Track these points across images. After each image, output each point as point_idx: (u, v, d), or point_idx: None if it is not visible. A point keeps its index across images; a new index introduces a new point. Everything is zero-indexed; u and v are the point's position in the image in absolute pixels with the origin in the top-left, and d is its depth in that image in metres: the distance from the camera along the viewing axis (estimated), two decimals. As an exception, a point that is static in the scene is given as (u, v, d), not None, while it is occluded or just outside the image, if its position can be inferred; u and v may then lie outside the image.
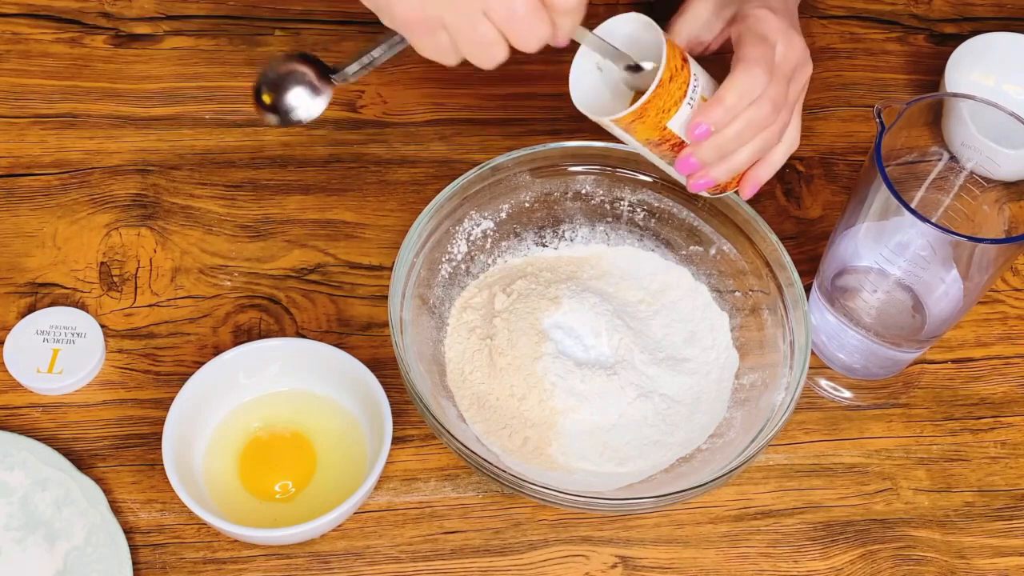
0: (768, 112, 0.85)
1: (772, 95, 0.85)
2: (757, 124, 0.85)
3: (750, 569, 0.90)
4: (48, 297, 0.97)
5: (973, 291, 0.88)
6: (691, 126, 0.83)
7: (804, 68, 0.88)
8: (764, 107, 0.84)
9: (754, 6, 0.88)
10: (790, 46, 0.87)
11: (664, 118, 0.83)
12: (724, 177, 0.87)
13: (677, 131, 0.84)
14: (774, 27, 0.87)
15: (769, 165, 0.89)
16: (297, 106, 0.84)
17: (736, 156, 0.86)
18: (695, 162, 0.85)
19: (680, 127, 0.84)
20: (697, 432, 0.92)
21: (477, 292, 0.97)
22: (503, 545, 0.89)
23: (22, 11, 1.12)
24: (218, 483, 0.87)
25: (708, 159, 0.85)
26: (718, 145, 0.84)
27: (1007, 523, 0.93)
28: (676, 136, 0.84)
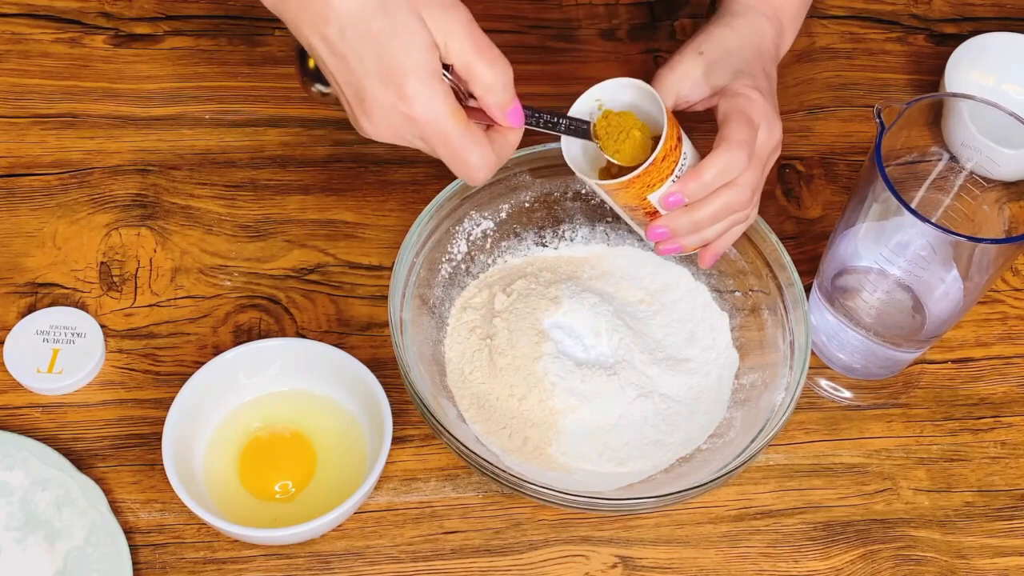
0: (746, 198, 0.86)
1: (751, 181, 0.86)
2: (732, 207, 0.86)
3: (750, 569, 0.90)
4: (48, 297, 0.97)
5: (973, 291, 0.88)
6: (666, 195, 0.84)
7: (776, 153, 0.89)
8: (743, 193, 0.85)
9: (744, 85, 0.88)
10: (771, 133, 0.87)
11: (648, 192, 0.84)
12: (692, 245, 0.88)
13: (655, 202, 0.85)
14: (760, 111, 0.87)
15: (728, 239, 0.90)
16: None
17: (707, 231, 0.87)
18: (665, 232, 0.86)
19: (658, 199, 0.85)
20: (697, 432, 0.92)
21: (477, 292, 0.97)
22: (503, 545, 0.89)
23: (22, 11, 1.12)
24: (218, 483, 0.87)
25: (680, 232, 0.86)
26: (693, 221, 0.86)
27: (1007, 523, 0.93)
28: (652, 206, 0.85)
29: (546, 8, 1.17)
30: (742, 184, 0.85)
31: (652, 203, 0.85)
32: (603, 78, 1.13)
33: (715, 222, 0.86)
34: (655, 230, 0.86)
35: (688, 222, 0.86)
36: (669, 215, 0.85)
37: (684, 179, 0.84)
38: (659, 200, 0.84)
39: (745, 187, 0.85)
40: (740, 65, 0.89)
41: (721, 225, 0.87)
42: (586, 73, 1.13)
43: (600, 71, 1.13)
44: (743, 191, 0.85)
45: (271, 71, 1.11)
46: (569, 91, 1.11)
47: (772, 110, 0.88)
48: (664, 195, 0.84)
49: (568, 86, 1.11)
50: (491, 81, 0.78)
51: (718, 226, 0.87)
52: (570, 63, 1.14)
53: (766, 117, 0.87)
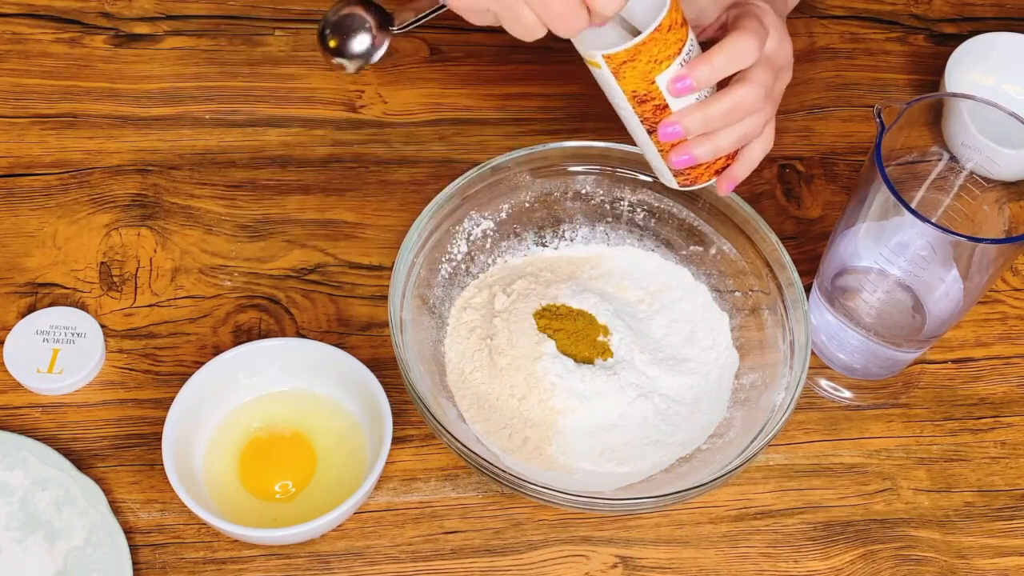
0: (759, 96, 0.84)
1: (763, 79, 0.85)
2: (746, 106, 0.84)
3: (750, 569, 0.90)
4: (48, 297, 0.97)
5: (973, 291, 0.88)
6: (674, 79, 0.82)
7: (787, 71, 0.89)
8: (756, 90, 0.84)
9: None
10: (782, 43, 0.87)
11: (655, 69, 0.82)
12: (705, 156, 0.86)
13: (663, 88, 0.83)
14: (771, 18, 0.87)
15: (746, 163, 0.88)
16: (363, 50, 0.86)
17: (720, 137, 0.85)
18: (679, 129, 0.84)
19: (667, 83, 0.83)
20: (697, 432, 0.92)
21: (477, 292, 0.97)
22: (503, 545, 0.89)
23: (22, 11, 1.12)
24: (218, 483, 0.87)
25: (692, 129, 0.84)
26: (706, 118, 0.84)
27: (1007, 523, 0.93)
28: (661, 97, 0.83)
29: (546, 8, 1.17)
30: (754, 80, 0.84)
31: (660, 89, 0.83)
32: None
33: (728, 123, 0.85)
34: (665, 128, 0.84)
35: (700, 117, 0.84)
36: (680, 111, 0.84)
37: (692, 63, 0.82)
38: (667, 85, 0.82)
39: (758, 84, 0.84)
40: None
41: (734, 133, 0.85)
42: (586, 73, 1.13)
43: (600, 71, 1.13)
44: (756, 88, 0.84)
45: (271, 71, 1.11)
46: (569, 91, 1.12)
47: (782, 26, 0.88)
48: (672, 78, 0.82)
49: (568, 86, 1.12)
50: None
51: (731, 134, 0.85)
52: (570, 63, 1.14)
53: (776, 27, 0.87)
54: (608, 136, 0.97)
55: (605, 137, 0.97)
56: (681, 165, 0.86)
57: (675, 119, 0.84)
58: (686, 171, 0.88)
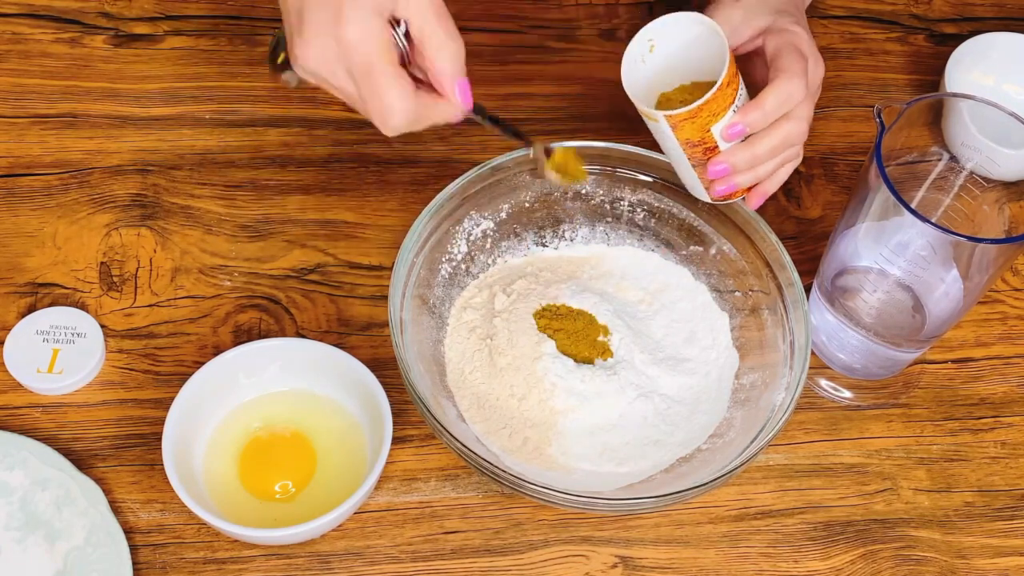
0: (802, 131, 0.87)
1: (806, 114, 0.88)
2: (791, 140, 0.87)
3: (750, 569, 0.90)
4: (48, 297, 0.97)
5: (973, 291, 0.88)
6: (728, 126, 0.85)
7: (819, 90, 0.91)
8: (800, 125, 0.87)
9: (787, 22, 0.91)
10: (817, 67, 0.90)
11: (712, 121, 0.85)
12: (747, 184, 0.89)
13: (716, 134, 0.86)
14: (807, 45, 0.89)
15: (778, 179, 0.91)
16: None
17: (763, 168, 0.88)
18: (726, 167, 0.87)
19: (720, 130, 0.85)
20: (697, 432, 0.92)
21: (477, 292, 0.97)
22: (503, 545, 0.89)
23: (22, 11, 1.12)
24: (218, 483, 0.87)
25: (740, 167, 0.87)
26: (753, 155, 0.87)
27: (1007, 523, 0.93)
28: (713, 139, 0.86)
29: (546, 8, 1.17)
30: (799, 116, 0.87)
31: (714, 135, 0.85)
32: (603, 78, 1.14)
33: (773, 156, 0.87)
34: (715, 167, 0.87)
35: (748, 156, 0.86)
36: (728, 150, 0.86)
37: (745, 109, 0.85)
38: (721, 131, 0.85)
39: (802, 119, 0.87)
40: (777, 5, 0.92)
41: (775, 161, 0.88)
42: (586, 73, 1.13)
43: (600, 71, 1.13)
44: (800, 123, 0.87)
45: (271, 71, 1.11)
46: (569, 91, 1.12)
47: (815, 47, 0.90)
48: (726, 126, 0.85)
49: (568, 86, 1.12)
50: (447, 47, 0.77)
51: (773, 162, 0.88)
52: (570, 63, 1.14)
53: (812, 52, 0.89)
54: (608, 136, 0.97)
55: (605, 137, 0.97)
56: (723, 193, 0.89)
57: (724, 159, 0.87)
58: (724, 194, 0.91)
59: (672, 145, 0.88)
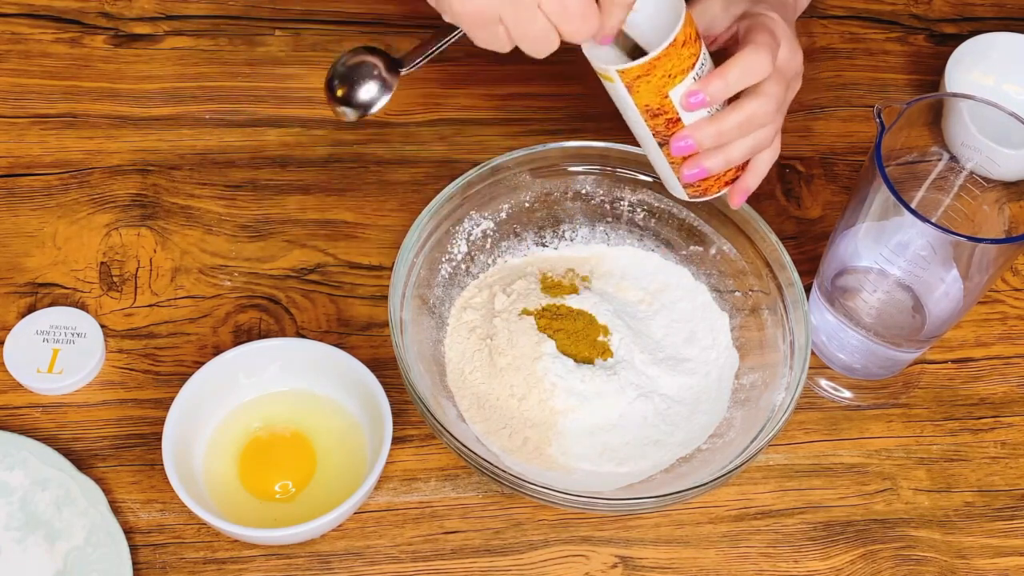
0: (771, 109, 0.85)
1: (775, 92, 0.85)
2: (758, 119, 0.85)
3: (750, 569, 0.90)
4: (48, 297, 0.97)
5: (973, 291, 0.88)
6: (688, 93, 0.82)
7: (797, 81, 0.89)
8: (768, 103, 0.85)
9: (765, 7, 0.89)
10: (793, 53, 0.88)
11: (668, 84, 0.82)
12: (717, 168, 0.86)
13: (676, 102, 0.83)
14: (782, 29, 0.87)
15: (756, 173, 0.89)
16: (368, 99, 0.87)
17: (732, 149, 0.85)
18: (691, 143, 0.84)
19: (680, 98, 0.83)
20: (697, 432, 0.92)
21: (477, 292, 0.97)
22: (503, 545, 0.89)
23: (22, 11, 1.12)
24: (218, 483, 0.87)
25: (705, 143, 0.84)
26: (718, 131, 0.84)
27: (1007, 523, 0.93)
28: (674, 110, 0.83)
29: (546, 8, 1.17)
30: (766, 93, 0.84)
31: (673, 103, 0.83)
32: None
33: (740, 135, 0.85)
34: (678, 142, 0.84)
35: (713, 131, 0.84)
36: (693, 125, 0.84)
37: (706, 78, 0.83)
38: (681, 99, 0.83)
39: (770, 97, 0.85)
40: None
41: (746, 145, 0.86)
42: (586, 73, 1.13)
43: (600, 71, 1.13)
44: (768, 101, 0.84)
45: (271, 71, 1.11)
46: (569, 91, 1.12)
47: (793, 35, 0.88)
48: (686, 92, 0.82)
49: (568, 86, 1.12)
50: None
51: (743, 146, 0.85)
52: (570, 63, 1.14)
53: (787, 37, 0.87)
54: (608, 136, 0.97)
55: (605, 137, 0.97)
56: (693, 178, 0.86)
57: (687, 133, 0.84)
58: (697, 183, 0.88)
59: (635, 117, 0.85)
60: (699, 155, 0.85)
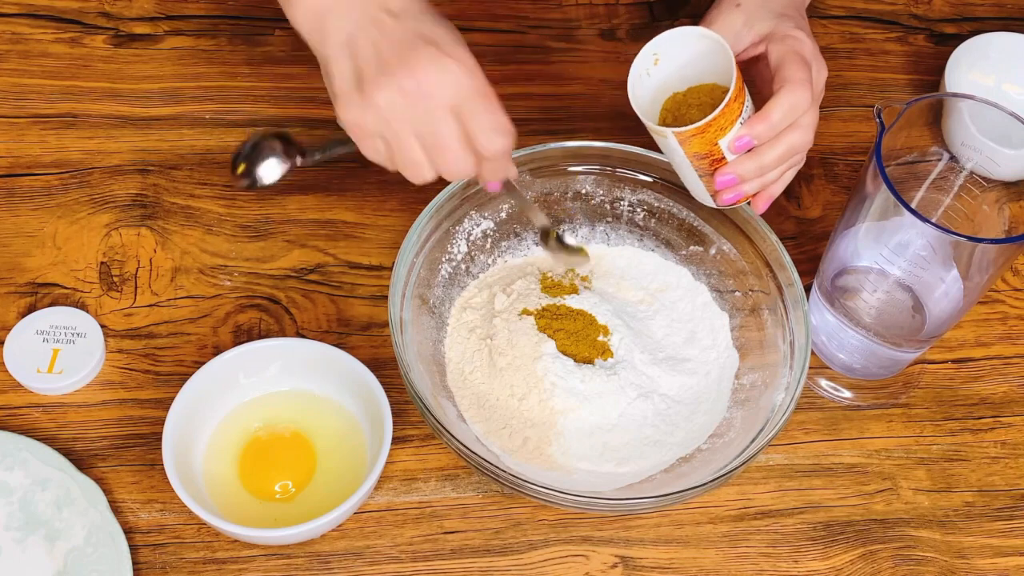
0: (808, 139, 0.87)
1: (812, 122, 0.87)
2: (796, 149, 0.87)
3: (750, 569, 0.90)
4: (48, 297, 0.97)
5: (973, 291, 0.88)
6: (735, 138, 0.85)
7: (822, 93, 0.91)
8: (806, 134, 0.87)
9: (789, 27, 0.90)
10: (820, 71, 0.90)
11: (719, 135, 0.85)
12: (753, 191, 0.89)
13: (724, 147, 0.86)
14: (810, 51, 0.89)
15: (782, 183, 0.91)
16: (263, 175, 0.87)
17: (770, 175, 0.88)
18: (733, 178, 0.87)
19: (728, 143, 0.86)
20: (697, 432, 0.92)
21: (477, 292, 0.97)
22: (503, 545, 0.89)
23: (22, 11, 1.12)
24: (218, 483, 0.87)
25: (747, 176, 0.87)
26: (760, 165, 0.87)
27: (1007, 523, 0.93)
28: (720, 152, 0.86)
29: (546, 8, 1.17)
30: (804, 125, 0.87)
31: (721, 148, 0.85)
32: (603, 78, 1.14)
33: (779, 165, 0.88)
34: (722, 177, 0.87)
35: (755, 166, 0.87)
36: (735, 161, 0.86)
37: (751, 121, 0.85)
38: (728, 144, 0.85)
39: (808, 128, 0.87)
40: (779, 9, 0.91)
41: (780, 169, 0.88)
42: (586, 73, 1.13)
43: (600, 71, 1.13)
44: (806, 132, 0.87)
45: (271, 71, 1.10)
46: (569, 91, 1.12)
47: (816, 47, 0.90)
48: (733, 138, 0.85)
49: (568, 86, 1.12)
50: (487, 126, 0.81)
51: (778, 170, 0.88)
52: (570, 63, 1.14)
53: (816, 57, 0.89)
54: (608, 136, 0.97)
55: (605, 137, 0.97)
56: (730, 201, 0.89)
57: (731, 170, 0.87)
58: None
59: (680, 159, 0.88)
60: (738, 184, 0.88)
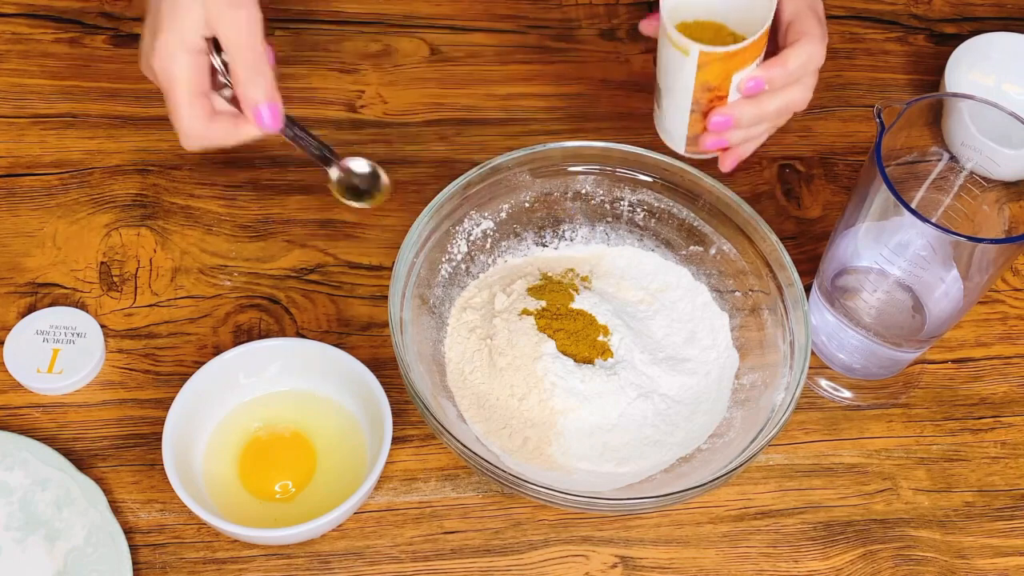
0: (806, 99, 0.87)
1: (814, 83, 0.88)
2: (793, 106, 0.87)
3: (750, 569, 0.90)
4: (48, 297, 0.97)
5: (973, 291, 0.88)
6: (749, 76, 0.84)
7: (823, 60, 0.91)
8: (806, 93, 0.87)
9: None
10: (825, 42, 0.90)
11: (737, 68, 0.84)
12: (737, 142, 0.89)
13: (734, 84, 0.85)
14: (823, 16, 0.89)
15: (757, 143, 0.91)
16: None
17: (759, 127, 0.88)
18: (728, 119, 0.86)
19: (739, 80, 0.85)
20: (697, 432, 0.92)
21: (477, 292, 0.97)
22: (503, 545, 0.89)
23: (22, 11, 1.12)
24: (218, 483, 0.87)
25: (742, 121, 0.87)
26: (759, 113, 0.86)
27: (1007, 523, 0.93)
28: (727, 88, 0.85)
29: (546, 8, 1.17)
30: (808, 84, 0.87)
31: (731, 84, 0.85)
32: (603, 78, 1.14)
33: (776, 119, 0.88)
34: (718, 117, 0.87)
35: (753, 113, 0.86)
36: (735, 103, 0.86)
37: (768, 65, 0.85)
38: (740, 81, 0.85)
39: (809, 88, 0.87)
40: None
41: (768, 125, 0.88)
42: (586, 73, 1.13)
43: (600, 71, 1.13)
44: (806, 92, 0.87)
45: (271, 71, 1.10)
46: (569, 91, 1.12)
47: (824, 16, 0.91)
48: (747, 76, 0.85)
49: (568, 86, 1.12)
50: (252, 79, 0.86)
51: (767, 125, 0.88)
52: (570, 63, 1.14)
53: (824, 26, 0.89)
54: (608, 136, 0.97)
55: (605, 137, 0.97)
56: (712, 147, 0.88)
57: (730, 111, 0.86)
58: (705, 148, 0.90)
59: (684, 85, 0.87)
60: (730, 128, 0.87)
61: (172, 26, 0.84)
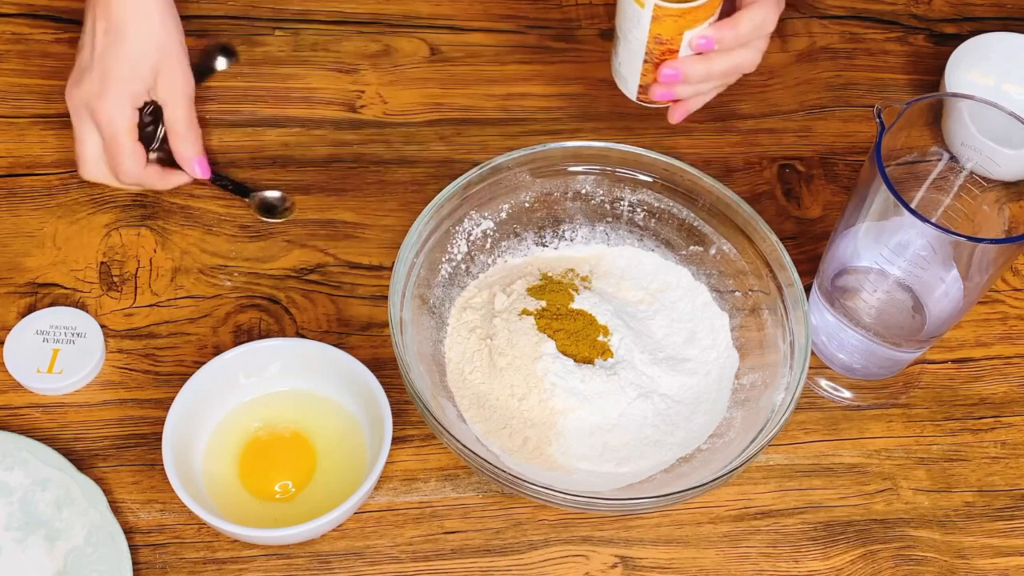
0: (756, 62, 0.89)
1: (764, 46, 0.89)
2: (742, 69, 0.88)
3: (750, 569, 0.90)
4: (48, 297, 0.97)
5: (973, 291, 0.88)
6: (699, 35, 0.86)
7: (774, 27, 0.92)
8: (756, 57, 0.89)
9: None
10: (780, 8, 0.91)
11: (690, 26, 0.86)
12: (685, 96, 0.90)
13: (685, 41, 0.87)
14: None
15: (705, 99, 0.92)
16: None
17: (708, 84, 0.90)
18: (677, 73, 0.88)
19: (690, 38, 0.86)
20: (697, 432, 0.92)
21: (477, 292, 0.97)
22: (503, 545, 0.89)
23: (22, 11, 1.12)
24: (218, 483, 0.87)
25: (690, 78, 0.88)
26: (707, 71, 0.88)
27: (1007, 523, 0.93)
28: (679, 44, 0.87)
29: (546, 8, 1.17)
30: (758, 48, 0.88)
31: (682, 41, 0.87)
32: (603, 78, 1.13)
33: (723, 78, 0.89)
34: (668, 70, 0.88)
35: (702, 71, 0.88)
36: (685, 58, 0.88)
37: (720, 25, 0.86)
38: (691, 39, 0.87)
39: (759, 52, 0.88)
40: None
41: (718, 83, 0.90)
42: (586, 73, 1.13)
43: (600, 71, 1.13)
44: (756, 56, 0.88)
45: (271, 71, 1.10)
46: (569, 91, 1.12)
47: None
48: (698, 34, 0.86)
49: (568, 86, 1.12)
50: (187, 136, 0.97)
51: (716, 83, 0.90)
52: (570, 63, 1.14)
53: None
54: (608, 136, 0.97)
55: (605, 137, 0.97)
56: (662, 98, 0.90)
57: (679, 66, 0.88)
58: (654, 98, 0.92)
59: (638, 36, 0.89)
60: (679, 82, 0.89)
61: (123, 82, 0.94)
